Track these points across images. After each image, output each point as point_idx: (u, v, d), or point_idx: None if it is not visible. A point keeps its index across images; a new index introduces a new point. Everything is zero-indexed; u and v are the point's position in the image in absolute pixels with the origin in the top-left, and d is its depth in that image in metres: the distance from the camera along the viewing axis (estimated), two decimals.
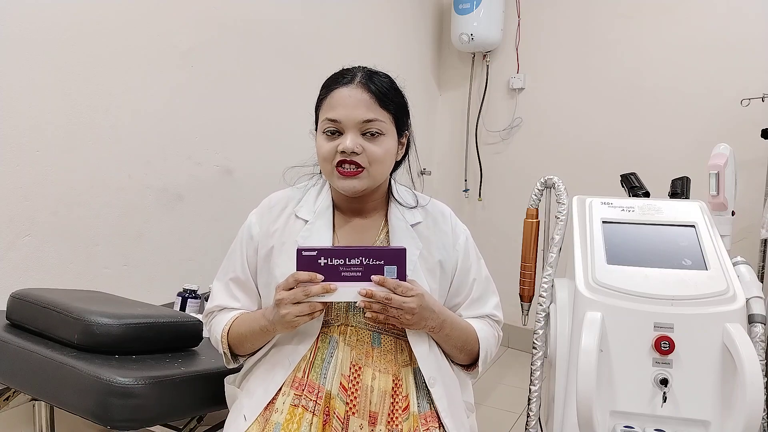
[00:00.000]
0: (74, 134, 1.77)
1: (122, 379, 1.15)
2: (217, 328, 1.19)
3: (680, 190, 1.80)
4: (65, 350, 1.26)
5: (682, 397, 1.20)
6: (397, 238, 1.17)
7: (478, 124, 3.39)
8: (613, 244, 1.36)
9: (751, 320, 1.27)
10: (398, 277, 1.04)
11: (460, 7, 3.14)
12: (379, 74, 1.15)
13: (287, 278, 1.04)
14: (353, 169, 1.10)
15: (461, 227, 1.26)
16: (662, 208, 1.45)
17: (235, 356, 1.20)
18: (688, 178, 1.82)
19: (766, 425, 1.33)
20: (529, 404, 1.51)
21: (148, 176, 1.98)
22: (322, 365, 1.10)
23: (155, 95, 1.99)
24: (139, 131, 1.94)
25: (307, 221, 1.18)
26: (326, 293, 1.02)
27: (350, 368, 1.09)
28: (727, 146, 1.86)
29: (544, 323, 1.47)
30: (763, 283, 2.19)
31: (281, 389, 1.09)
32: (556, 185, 1.62)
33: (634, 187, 1.81)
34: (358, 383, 1.08)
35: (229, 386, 1.27)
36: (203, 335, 1.47)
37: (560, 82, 3.14)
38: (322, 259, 1.03)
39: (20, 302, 1.38)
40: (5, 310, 1.43)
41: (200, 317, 1.41)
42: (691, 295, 1.24)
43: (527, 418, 1.52)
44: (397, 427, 1.07)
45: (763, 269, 2.25)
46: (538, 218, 1.74)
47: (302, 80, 2.52)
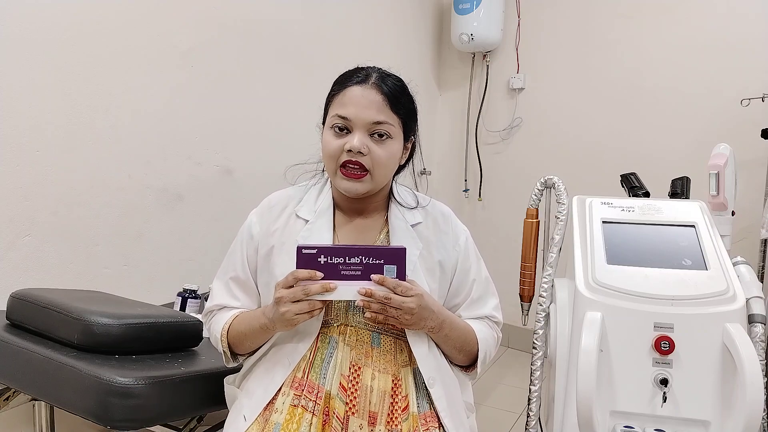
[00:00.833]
0: (74, 134, 1.77)
1: (122, 379, 1.15)
2: (216, 326, 1.19)
3: (680, 190, 1.80)
4: (65, 350, 1.26)
5: (682, 397, 1.20)
6: (397, 238, 1.17)
7: (478, 124, 3.39)
8: (613, 244, 1.36)
9: (751, 320, 1.27)
10: (398, 276, 1.03)
11: (460, 7, 3.14)
12: (393, 77, 1.16)
13: (286, 276, 1.04)
14: (357, 171, 1.11)
15: (461, 228, 1.26)
16: (662, 208, 1.45)
17: (234, 355, 1.20)
18: (688, 178, 1.82)
19: (766, 425, 1.33)
20: (529, 404, 1.51)
21: (148, 176, 1.98)
22: (321, 365, 1.10)
23: (155, 95, 1.99)
24: (139, 131, 1.94)
25: (307, 221, 1.18)
26: (326, 292, 1.02)
27: (350, 368, 1.09)
28: (727, 146, 1.86)
29: (544, 323, 1.47)
30: (763, 283, 2.19)
31: (281, 389, 1.09)
32: (556, 185, 1.62)
33: (634, 187, 1.81)
34: (357, 383, 1.08)
35: (228, 386, 1.27)
36: (203, 335, 1.47)
37: (560, 82, 3.14)
38: (322, 257, 1.03)
39: (20, 302, 1.38)
40: (5, 310, 1.43)
41: (200, 317, 1.41)
42: (691, 295, 1.24)
43: (527, 418, 1.52)
44: (396, 427, 1.07)
45: (763, 269, 2.25)
46: (538, 218, 1.74)
47: (302, 80, 2.52)
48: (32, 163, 1.68)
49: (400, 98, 1.14)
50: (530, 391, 1.49)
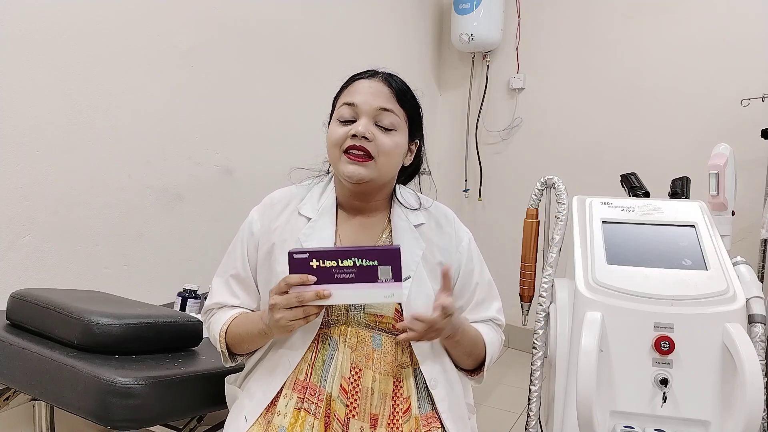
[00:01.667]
0: (74, 134, 1.77)
1: (122, 379, 1.15)
2: (215, 326, 1.18)
3: (680, 190, 1.80)
4: (65, 350, 1.26)
5: (682, 397, 1.20)
6: (399, 238, 1.16)
7: (478, 124, 3.39)
8: (613, 244, 1.36)
9: (751, 320, 1.27)
10: (393, 277, 1.00)
11: (460, 7, 3.14)
12: (399, 78, 1.19)
13: (279, 282, 1.02)
14: (361, 156, 1.10)
15: (464, 230, 1.25)
16: (662, 208, 1.45)
17: (232, 355, 1.19)
18: (688, 178, 1.82)
19: (766, 425, 1.33)
20: (529, 404, 1.51)
21: (148, 176, 1.98)
22: (322, 367, 1.09)
23: (155, 95, 1.99)
24: (139, 131, 1.94)
25: (309, 219, 1.17)
26: (320, 299, 1.00)
27: (350, 370, 1.08)
28: (727, 146, 1.86)
29: (544, 323, 1.47)
30: (763, 283, 2.19)
31: (283, 392, 1.08)
32: (556, 185, 1.62)
33: (634, 187, 1.81)
34: (358, 385, 1.08)
35: (229, 386, 1.27)
36: (203, 335, 1.47)
37: (560, 82, 3.14)
38: (313, 261, 1.00)
39: (20, 302, 1.38)
40: (5, 310, 1.43)
41: (200, 316, 1.41)
42: (691, 295, 1.24)
43: (527, 418, 1.52)
44: (397, 429, 1.07)
45: (763, 269, 2.25)
46: (538, 218, 1.74)
47: (302, 80, 2.52)
48: (32, 163, 1.68)
49: (406, 94, 1.17)
50: (530, 391, 1.49)
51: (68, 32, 1.73)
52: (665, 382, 1.20)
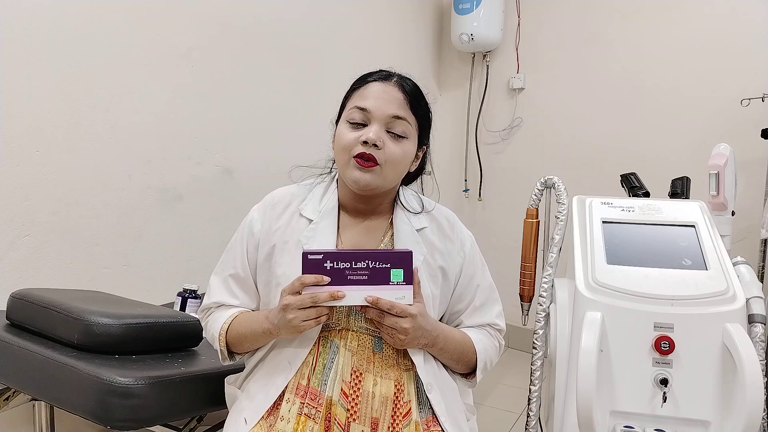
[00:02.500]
0: (74, 134, 1.77)
1: (122, 379, 1.15)
2: (215, 325, 1.18)
3: (680, 190, 1.80)
4: (65, 350, 1.26)
5: (682, 397, 1.20)
6: (401, 242, 1.16)
7: (478, 124, 3.39)
8: (613, 244, 1.36)
9: (751, 320, 1.27)
10: (405, 280, 1.03)
11: (460, 7, 3.14)
12: (413, 81, 1.18)
13: (293, 282, 1.02)
14: (369, 162, 1.09)
15: (466, 234, 1.25)
16: (662, 208, 1.45)
17: (231, 354, 1.19)
18: (688, 178, 1.82)
19: (766, 425, 1.33)
20: (529, 404, 1.51)
21: (148, 176, 1.98)
22: (323, 371, 1.08)
23: (155, 95, 1.99)
24: (139, 131, 1.94)
25: (311, 220, 1.16)
26: (334, 300, 1.01)
27: (351, 374, 1.08)
28: (727, 146, 1.86)
29: (544, 323, 1.47)
30: (763, 283, 2.19)
31: (286, 396, 1.08)
32: (556, 185, 1.62)
33: (634, 187, 1.81)
34: (359, 389, 1.07)
35: (229, 386, 1.27)
36: (203, 335, 1.47)
37: (560, 82, 3.14)
38: (328, 262, 1.01)
39: (20, 302, 1.38)
40: (5, 310, 1.43)
41: (197, 314, 1.41)
42: (691, 295, 1.24)
43: (527, 418, 1.52)
44: None
45: (763, 269, 2.25)
46: (538, 218, 1.74)
47: (302, 80, 2.52)
48: (32, 163, 1.68)
49: (419, 100, 1.15)
50: (530, 391, 1.49)
51: (68, 32, 1.73)
52: (665, 382, 1.20)
